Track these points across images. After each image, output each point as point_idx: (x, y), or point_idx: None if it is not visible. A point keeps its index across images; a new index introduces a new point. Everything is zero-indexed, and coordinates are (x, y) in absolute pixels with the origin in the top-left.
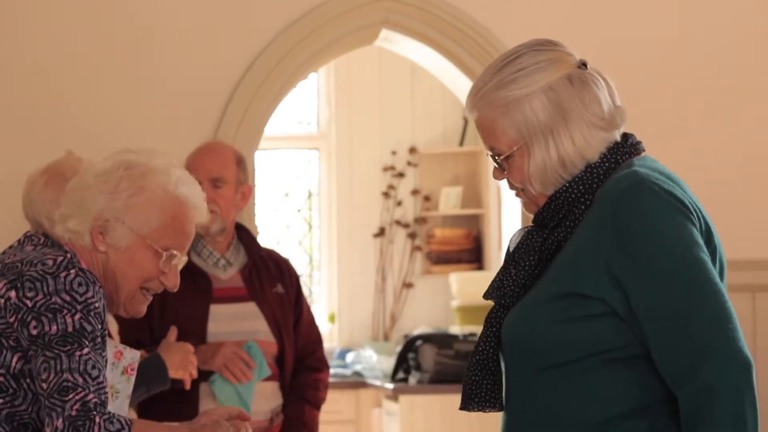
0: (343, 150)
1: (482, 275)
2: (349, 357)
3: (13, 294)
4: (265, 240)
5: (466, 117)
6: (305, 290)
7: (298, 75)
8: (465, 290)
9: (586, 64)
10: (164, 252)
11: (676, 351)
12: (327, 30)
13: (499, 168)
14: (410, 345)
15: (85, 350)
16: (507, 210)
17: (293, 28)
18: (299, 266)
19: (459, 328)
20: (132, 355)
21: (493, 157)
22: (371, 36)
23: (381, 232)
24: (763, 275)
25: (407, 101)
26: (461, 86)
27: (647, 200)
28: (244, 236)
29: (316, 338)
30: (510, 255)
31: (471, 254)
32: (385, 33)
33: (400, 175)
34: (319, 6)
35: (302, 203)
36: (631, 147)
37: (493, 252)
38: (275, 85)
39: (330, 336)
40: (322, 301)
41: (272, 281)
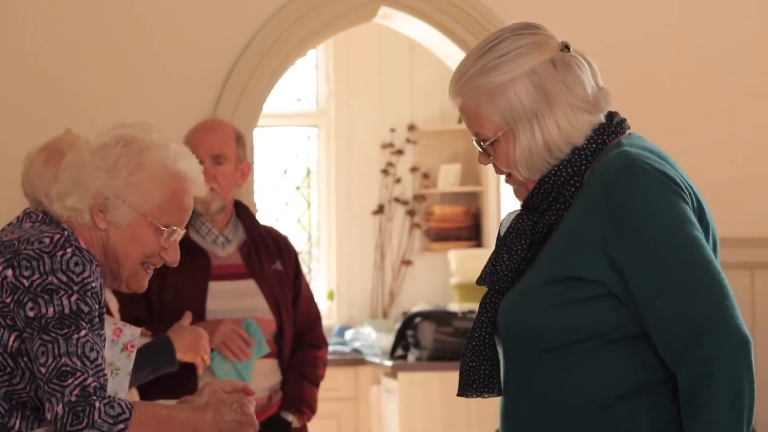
0: (342, 127)
1: (481, 252)
2: (348, 334)
3: (10, 273)
4: (264, 217)
5: None
6: (304, 268)
7: (297, 52)
8: (464, 267)
9: (569, 47)
10: (165, 229)
11: (675, 330)
12: (326, 7)
13: (485, 153)
14: (409, 322)
15: (83, 332)
16: (506, 187)
17: (292, 5)
18: (298, 244)
19: (458, 306)
20: (132, 332)
21: (479, 143)
22: (370, 13)
23: (380, 210)
24: (762, 253)
25: (406, 78)
26: None
27: (640, 180)
28: (243, 213)
29: (315, 315)
30: (501, 239)
31: (470, 231)
32: (384, 10)
33: (399, 153)
34: None
35: (301, 180)
36: (617, 126)
37: (492, 229)
38: (274, 63)
39: (329, 313)
40: (321, 279)
41: (271, 258)
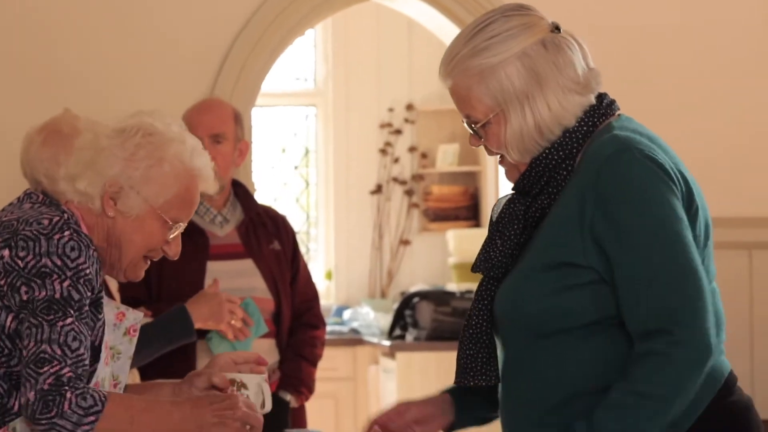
0: (340, 107)
1: (479, 232)
2: (346, 314)
3: (7, 253)
4: (262, 197)
5: None
6: (302, 247)
7: (295, 31)
8: (462, 247)
9: (559, 28)
10: (173, 223)
11: (644, 316)
12: None
13: (476, 135)
14: (407, 302)
15: (69, 320)
16: None
17: None
18: (296, 223)
19: (456, 285)
20: (134, 316)
21: (470, 125)
22: None
23: (378, 189)
24: (760, 233)
25: (404, 58)
26: None
27: (630, 168)
28: (241, 193)
29: (313, 295)
30: (494, 225)
31: (468, 211)
32: None
33: (397, 132)
34: None
35: (299, 160)
36: (607, 108)
37: (490, 209)
38: (272, 42)
39: (327, 293)
40: (319, 258)
41: (269, 238)
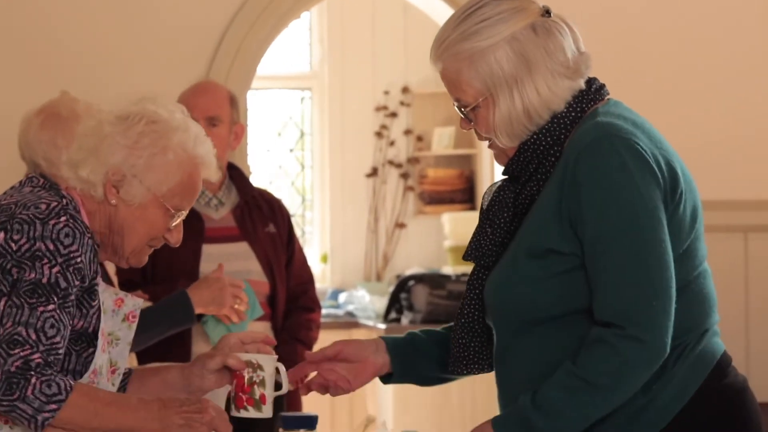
0: (336, 90)
1: (475, 215)
2: (342, 297)
3: (2, 236)
4: (258, 180)
5: None
6: (298, 230)
7: (291, 14)
8: (457, 230)
9: (550, 12)
10: (175, 211)
11: (603, 306)
12: None
13: (466, 119)
14: (403, 285)
15: (50, 307)
16: None
17: None
18: (292, 206)
19: (451, 269)
20: (134, 303)
21: (460, 109)
22: None
23: (373, 172)
24: (755, 215)
25: (400, 41)
26: None
27: (605, 158)
28: (236, 176)
29: (308, 278)
30: (484, 213)
31: (463, 194)
32: None
33: (393, 115)
34: None
35: (294, 143)
36: (596, 93)
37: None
38: (267, 24)
39: (322, 276)
40: (315, 242)
41: (264, 221)
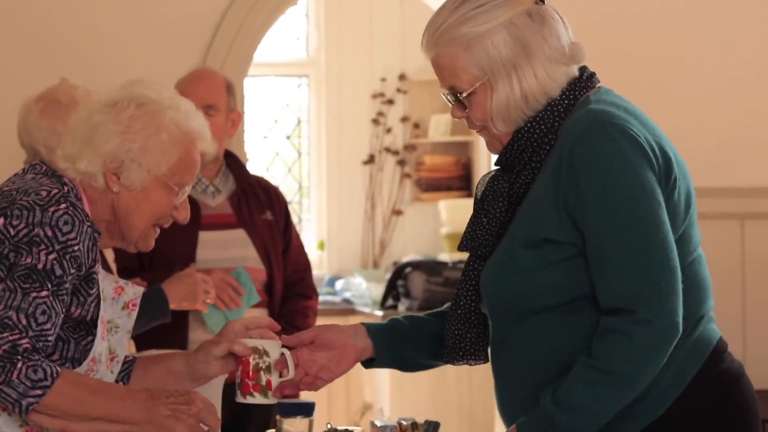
0: (333, 77)
1: (471, 202)
2: (339, 284)
3: (2, 221)
4: (255, 167)
5: None
6: (294, 217)
7: (288, 1)
8: (454, 217)
9: (543, 0)
10: (178, 189)
11: (609, 292)
12: None
13: (460, 106)
14: (399, 272)
15: (44, 293)
16: None
17: None
18: (288, 193)
19: (448, 256)
20: (134, 291)
21: (454, 96)
22: None
23: (370, 159)
24: (752, 203)
25: (397, 28)
26: None
27: (601, 145)
28: (233, 163)
29: (305, 265)
30: (478, 202)
31: (460, 181)
32: None
33: (390, 102)
34: None
35: (291, 130)
36: (588, 81)
37: None
38: (264, 11)
39: (319, 263)
40: (312, 229)
41: (261, 208)
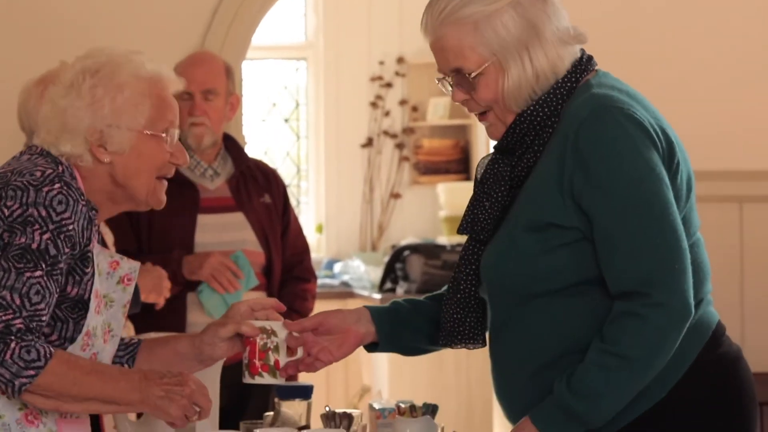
0: (331, 60)
1: (470, 186)
2: (337, 267)
3: None
4: (253, 150)
5: None
6: (293, 201)
7: None
8: (452, 201)
9: None
10: (165, 134)
11: (622, 276)
12: None
13: (462, 89)
14: (398, 255)
15: (37, 273)
16: None
17: None
18: (287, 177)
19: (446, 239)
20: (130, 266)
21: (459, 76)
22: None
23: (369, 143)
24: (750, 186)
25: (395, 11)
26: None
27: (608, 129)
28: (231, 146)
29: (304, 248)
30: (479, 185)
31: (459, 165)
32: None
33: (388, 86)
34: None
35: (290, 113)
36: (587, 63)
37: None
38: None
39: (318, 246)
40: (310, 212)
41: (259, 191)
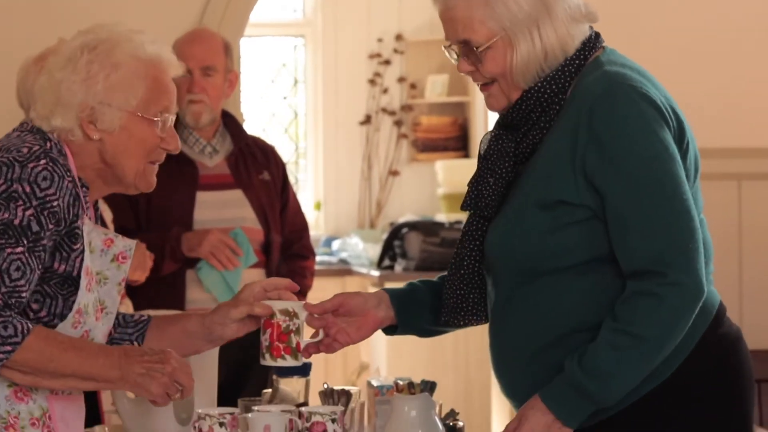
0: (329, 37)
1: (468, 163)
2: (335, 244)
3: None
4: (251, 128)
5: None
6: (291, 178)
7: None
8: (451, 178)
9: None
10: (157, 118)
11: (636, 255)
12: None
13: (469, 60)
14: (396, 232)
15: (19, 249)
16: None
17: None
18: (285, 154)
19: (445, 216)
20: (125, 244)
21: (465, 50)
22: None
23: (367, 120)
24: (749, 163)
25: None
26: None
27: (623, 107)
28: (230, 123)
29: (302, 225)
30: (483, 160)
31: (457, 142)
32: None
33: (386, 63)
34: None
35: (288, 90)
36: (595, 40)
37: (479, 140)
38: None
39: (316, 223)
40: (308, 189)
41: (258, 168)
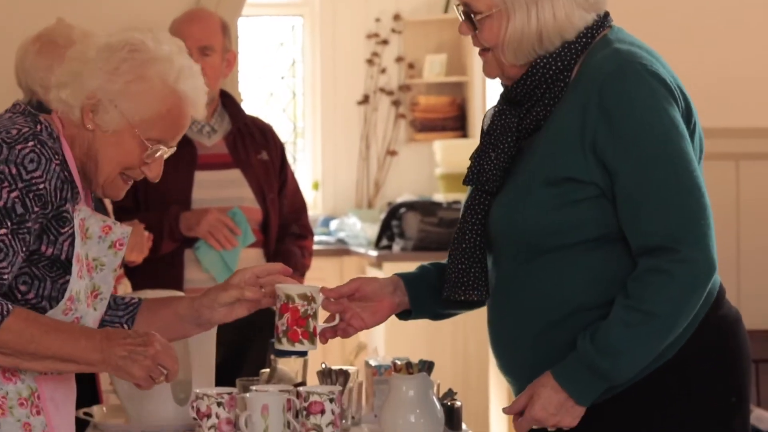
0: (327, 17)
1: (466, 143)
2: (333, 224)
3: None
4: (249, 107)
5: None
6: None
7: None
8: (449, 158)
9: None
10: (151, 145)
11: (647, 232)
12: None
13: (469, 24)
14: (394, 212)
15: (2, 231)
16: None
17: None
18: (283, 134)
19: (443, 196)
20: (122, 231)
21: (466, 13)
22: None
23: (365, 100)
24: (747, 143)
25: None
26: None
27: (634, 85)
28: (229, 103)
29: (301, 205)
30: (485, 136)
31: (455, 122)
32: None
33: (384, 43)
34: None
35: (286, 70)
36: (604, 19)
37: (477, 119)
38: None
39: (314, 203)
40: (306, 169)
41: (257, 148)
